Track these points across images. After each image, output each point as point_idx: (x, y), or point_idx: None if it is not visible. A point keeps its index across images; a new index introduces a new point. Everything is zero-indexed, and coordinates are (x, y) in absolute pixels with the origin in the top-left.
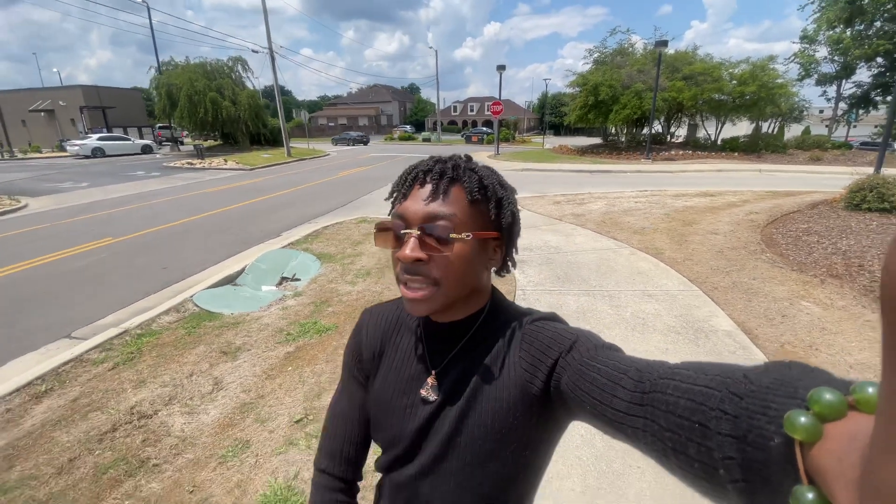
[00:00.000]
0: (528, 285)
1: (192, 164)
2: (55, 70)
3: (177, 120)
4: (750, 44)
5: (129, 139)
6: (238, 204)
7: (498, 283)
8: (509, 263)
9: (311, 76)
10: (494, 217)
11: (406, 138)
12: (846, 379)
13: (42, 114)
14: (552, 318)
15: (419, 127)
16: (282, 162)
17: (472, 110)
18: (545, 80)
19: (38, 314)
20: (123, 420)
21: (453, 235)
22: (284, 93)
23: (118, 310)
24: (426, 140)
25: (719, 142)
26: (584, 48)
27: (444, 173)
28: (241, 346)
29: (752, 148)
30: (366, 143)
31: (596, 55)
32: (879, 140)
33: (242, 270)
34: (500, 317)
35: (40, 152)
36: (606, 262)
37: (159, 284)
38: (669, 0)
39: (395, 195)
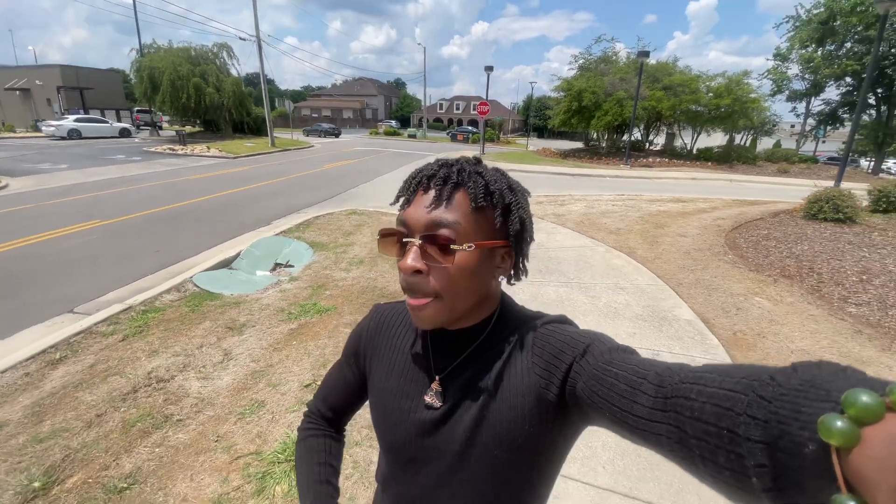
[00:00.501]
0: None
1: (173, 149)
2: (30, 48)
3: (158, 104)
4: (729, 57)
5: (106, 122)
6: (225, 192)
7: None
8: (521, 273)
9: (295, 65)
10: (501, 224)
11: (391, 133)
12: (880, 379)
13: (17, 92)
14: (563, 320)
15: (404, 122)
16: (265, 152)
17: (458, 108)
18: (531, 83)
19: (38, 290)
20: (142, 383)
21: (454, 247)
22: (267, 81)
23: (117, 288)
24: (412, 136)
25: (695, 151)
26: (569, 53)
27: (449, 178)
28: (245, 322)
29: (724, 158)
30: (337, 136)
31: (581, 61)
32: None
33: (237, 255)
34: (510, 322)
35: (14, 132)
36: (584, 258)
37: (154, 266)
38: (654, 9)
39: (399, 200)
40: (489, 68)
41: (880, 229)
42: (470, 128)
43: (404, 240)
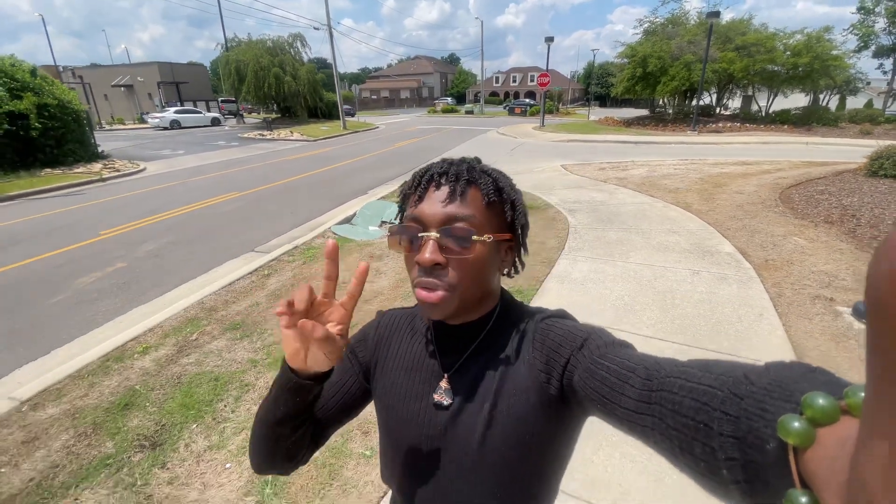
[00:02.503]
0: (578, 225)
1: (263, 135)
2: (123, 46)
3: (243, 94)
4: (819, 6)
5: (200, 112)
6: (320, 169)
7: (547, 224)
8: (519, 265)
9: (351, 47)
10: (510, 219)
11: (448, 111)
12: (844, 381)
13: (122, 89)
14: (562, 315)
15: (460, 99)
16: (339, 134)
17: (514, 81)
18: (593, 50)
19: (222, 237)
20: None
21: (475, 237)
22: (326, 66)
23: (278, 235)
24: (469, 112)
25: (771, 114)
26: (634, 13)
27: (460, 175)
28: (381, 254)
29: (803, 121)
30: (352, 115)
31: (646, 25)
32: None
33: (353, 215)
34: (511, 317)
35: (123, 124)
36: (642, 212)
37: (294, 222)
38: None
39: (407, 198)
40: (549, 39)
41: None
42: (527, 100)
43: (420, 234)
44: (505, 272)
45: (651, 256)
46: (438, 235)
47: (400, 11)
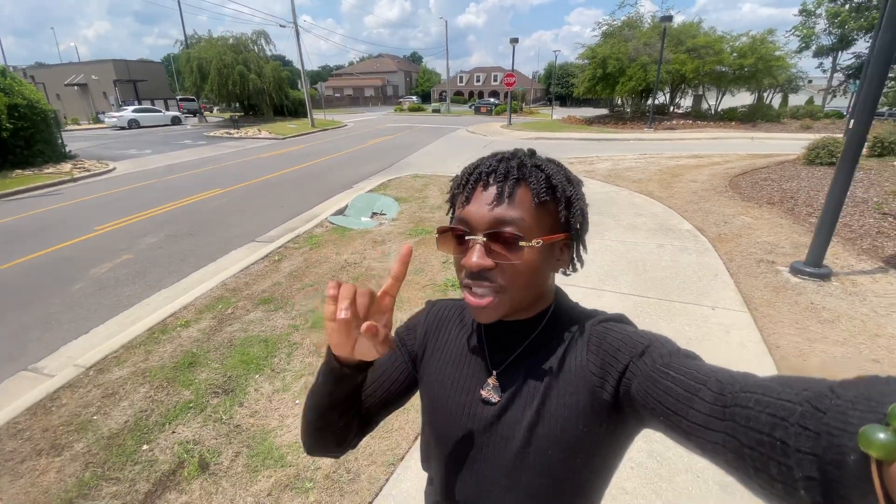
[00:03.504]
0: None
1: (230, 133)
2: (73, 44)
3: (206, 92)
4: (764, 9)
5: (160, 111)
6: (298, 166)
7: None
8: (577, 263)
9: (311, 44)
10: (564, 218)
11: (415, 109)
12: None
13: (76, 88)
14: (621, 319)
15: (425, 98)
16: (308, 132)
17: (478, 81)
18: (555, 51)
19: (219, 230)
20: (344, 264)
21: (522, 243)
22: (285, 63)
23: (273, 228)
24: (436, 111)
25: (720, 112)
26: (591, 14)
27: (509, 173)
28: (383, 240)
29: (749, 117)
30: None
31: (605, 28)
32: (884, 109)
33: (345, 207)
34: (565, 318)
35: (78, 124)
36: (610, 199)
37: (287, 215)
38: None
39: (455, 196)
40: (514, 40)
41: (867, 169)
42: (492, 100)
43: (467, 237)
44: (561, 270)
45: (622, 235)
46: (485, 240)
47: (360, 8)
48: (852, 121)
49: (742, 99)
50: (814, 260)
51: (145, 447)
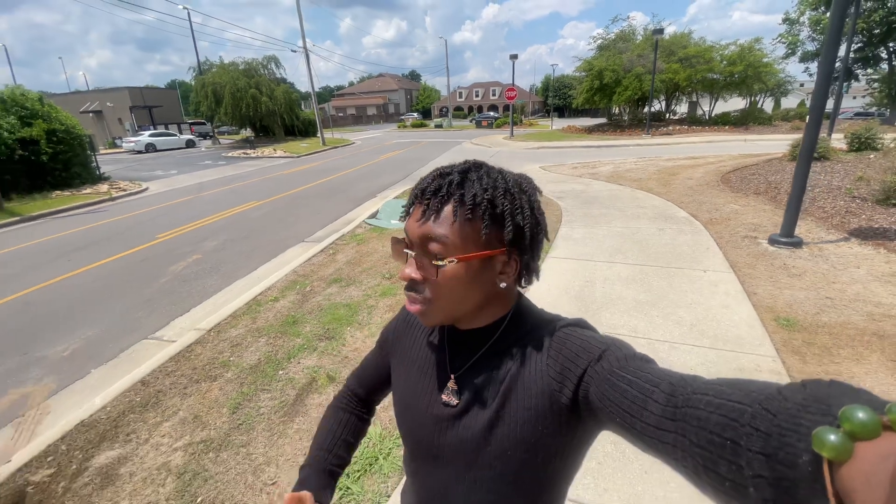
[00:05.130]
0: (567, 206)
1: (247, 153)
2: (81, 73)
3: (220, 116)
4: (755, 16)
5: (175, 135)
6: (321, 180)
7: (543, 203)
8: (533, 276)
9: (312, 66)
10: (490, 235)
11: (418, 125)
12: (887, 400)
13: (91, 114)
14: (580, 324)
15: (426, 114)
16: (320, 150)
17: (477, 96)
18: (552, 65)
19: (270, 234)
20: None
21: (436, 262)
22: (289, 83)
23: (317, 231)
24: (438, 126)
25: (713, 117)
26: (584, 27)
27: (438, 191)
28: None
29: (741, 121)
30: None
31: (600, 41)
32: (872, 110)
33: (377, 211)
34: (526, 323)
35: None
36: (614, 195)
37: (326, 221)
38: None
39: (405, 211)
40: (514, 56)
41: (844, 162)
42: (492, 113)
43: (404, 250)
44: (521, 283)
45: (627, 222)
46: (414, 254)
47: (358, 29)
48: (807, 118)
49: (735, 104)
50: (786, 231)
51: (281, 372)
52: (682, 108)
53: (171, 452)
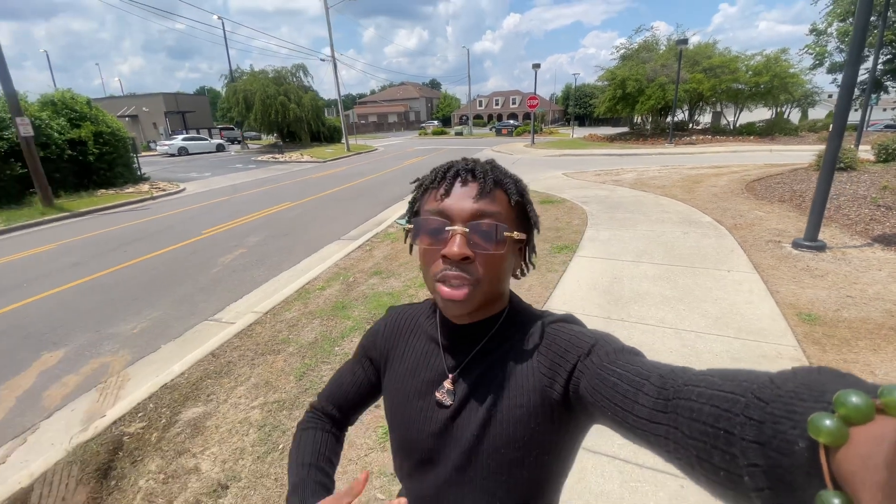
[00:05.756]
0: (592, 211)
1: (276, 158)
2: (116, 78)
3: (250, 121)
4: (783, 26)
5: (206, 139)
6: (349, 184)
7: (567, 211)
8: (530, 266)
9: (331, 74)
10: (524, 221)
11: (439, 133)
12: (876, 384)
13: (127, 119)
14: (569, 319)
15: (446, 122)
16: (345, 155)
17: (497, 104)
18: (574, 74)
19: (306, 232)
20: None
21: (507, 233)
22: (312, 91)
23: (351, 230)
24: (458, 134)
25: (738, 127)
26: (606, 37)
27: (487, 174)
28: None
29: (767, 132)
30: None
31: (623, 51)
32: None
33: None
34: (518, 319)
35: None
36: (638, 201)
37: (358, 221)
38: None
39: (426, 192)
40: (536, 65)
41: (871, 172)
42: (511, 122)
43: (447, 228)
44: (517, 273)
45: (652, 226)
46: (468, 230)
47: (381, 38)
48: (830, 127)
49: (760, 114)
50: (810, 236)
51: (336, 348)
52: (705, 118)
53: (250, 410)
